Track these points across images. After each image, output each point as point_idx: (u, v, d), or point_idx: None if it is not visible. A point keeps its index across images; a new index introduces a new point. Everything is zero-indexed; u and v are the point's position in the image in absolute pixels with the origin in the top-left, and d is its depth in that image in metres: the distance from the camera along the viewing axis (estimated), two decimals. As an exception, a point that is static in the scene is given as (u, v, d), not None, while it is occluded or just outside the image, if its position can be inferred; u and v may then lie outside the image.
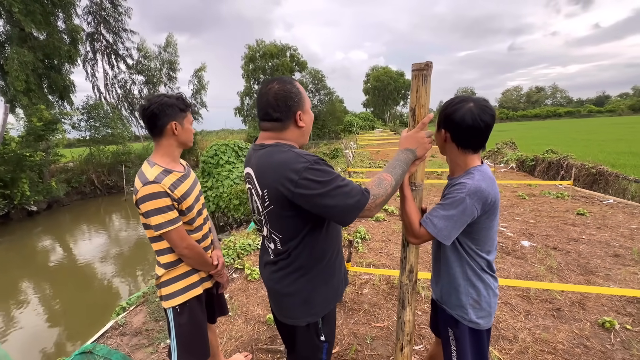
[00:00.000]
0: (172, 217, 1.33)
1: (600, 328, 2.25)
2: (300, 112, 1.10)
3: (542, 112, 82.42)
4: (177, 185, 1.37)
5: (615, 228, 4.19)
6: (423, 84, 1.15)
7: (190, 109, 1.45)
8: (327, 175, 0.98)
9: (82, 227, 11.99)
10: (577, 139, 21.00)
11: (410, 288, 1.32)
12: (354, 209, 0.98)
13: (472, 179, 1.10)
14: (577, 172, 7.00)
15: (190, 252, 1.40)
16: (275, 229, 1.12)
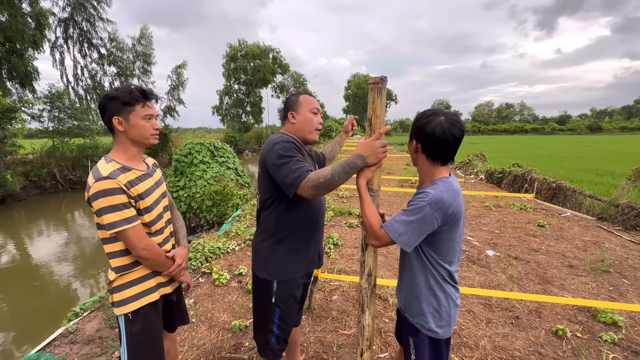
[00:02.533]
0: (128, 215, 1.23)
1: (554, 336, 2.37)
2: (292, 112, 1.50)
3: (510, 127, 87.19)
4: (135, 184, 1.28)
5: (570, 240, 4.47)
6: (379, 96, 1.22)
7: (144, 101, 1.31)
8: (287, 152, 1.30)
9: (39, 224, 11.16)
10: (541, 154, 22.37)
11: (369, 292, 1.33)
12: (291, 182, 1.25)
13: (435, 189, 1.13)
14: (539, 185, 7.42)
15: (149, 253, 1.30)
16: (258, 189, 1.49)
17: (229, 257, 3.84)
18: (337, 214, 5.57)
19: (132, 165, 1.33)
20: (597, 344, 2.28)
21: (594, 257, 3.83)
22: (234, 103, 39.05)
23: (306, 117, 1.48)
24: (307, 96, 1.52)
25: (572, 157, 19.65)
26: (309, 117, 1.48)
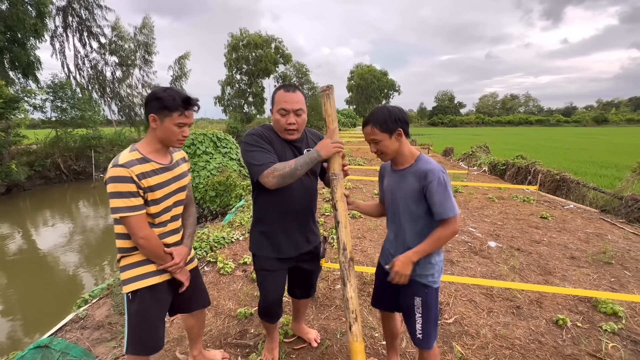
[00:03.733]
0: (134, 203, 1.29)
1: (554, 325, 2.40)
2: (272, 109, 1.58)
3: (515, 119, 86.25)
4: (149, 176, 1.34)
5: (573, 232, 4.48)
6: (328, 100, 1.54)
7: (182, 110, 1.35)
8: (253, 142, 1.51)
9: (44, 213, 11.30)
10: (545, 146, 22.20)
11: (347, 265, 1.42)
12: (256, 170, 1.46)
13: (430, 164, 1.42)
14: (542, 177, 7.40)
15: (146, 243, 1.35)
16: None
17: (233, 247, 3.89)
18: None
19: (153, 158, 1.39)
20: (597, 333, 2.31)
21: (596, 249, 3.84)
22: (235, 93, 38.80)
23: (275, 117, 1.54)
24: (280, 93, 1.53)
25: (576, 149, 19.50)
26: (276, 117, 1.53)
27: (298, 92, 1.54)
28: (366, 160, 11.48)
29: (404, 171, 1.48)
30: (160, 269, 1.44)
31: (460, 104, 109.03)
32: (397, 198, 1.49)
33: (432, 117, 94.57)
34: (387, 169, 1.62)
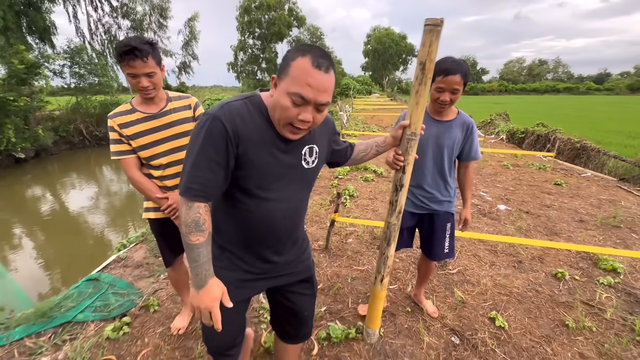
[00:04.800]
0: (120, 149, 1.51)
1: (553, 278, 2.55)
2: (276, 77, 0.92)
3: (541, 87, 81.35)
4: (129, 126, 1.49)
5: (586, 198, 4.49)
6: (436, 39, 1.22)
7: (128, 64, 1.37)
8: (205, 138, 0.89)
9: (72, 176, 11.96)
10: (571, 115, 21.12)
11: (396, 227, 1.51)
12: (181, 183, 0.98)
13: (468, 116, 1.73)
14: (562, 145, 7.22)
15: (134, 183, 1.58)
16: None
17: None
18: (353, 169, 5.73)
19: (140, 108, 1.53)
20: (594, 285, 2.45)
21: (607, 214, 3.88)
22: (248, 59, 38.00)
23: (280, 99, 0.89)
24: (306, 66, 0.85)
25: (604, 119, 18.52)
26: (284, 102, 0.88)
27: (331, 73, 0.89)
28: (380, 128, 11.37)
29: (451, 122, 1.71)
30: (162, 208, 1.60)
31: (482, 71, 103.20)
32: (443, 145, 1.71)
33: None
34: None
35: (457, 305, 2.21)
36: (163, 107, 1.57)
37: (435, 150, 1.74)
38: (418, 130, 1.35)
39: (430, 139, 1.72)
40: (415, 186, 1.83)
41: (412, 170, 1.72)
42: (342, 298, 2.30)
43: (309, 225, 3.48)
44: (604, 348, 1.87)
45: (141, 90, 1.45)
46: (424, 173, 1.79)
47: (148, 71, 1.41)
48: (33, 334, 1.90)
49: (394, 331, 1.99)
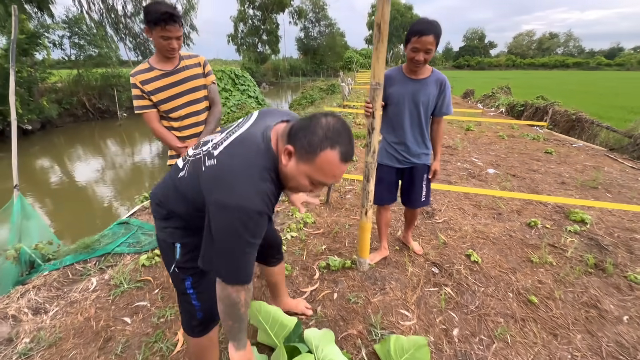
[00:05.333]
0: (142, 104, 1.75)
1: (527, 226, 2.89)
2: (292, 149, 0.88)
3: (550, 62, 79.02)
4: (149, 82, 1.72)
5: (572, 165, 4.76)
6: (387, 4, 1.59)
7: (165, 27, 1.57)
8: (250, 239, 0.89)
9: (79, 148, 12.22)
10: (577, 91, 20.89)
11: (373, 165, 1.84)
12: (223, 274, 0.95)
13: (442, 74, 1.88)
14: (558, 117, 7.39)
15: (156, 134, 1.84)
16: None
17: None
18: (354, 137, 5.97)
19: (157, 66, 1.75)
20: (561, 232, 2.79)
21: (588, 177, 4.16)
22: (249, 31, 36.98)
23: (298, 178, 0.91)
24: (332, 158, 0.85)
25: (610, 95, 18.36)
26: (301, 181, 0.92)
27: None
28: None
29: (426, 80, 1.87)
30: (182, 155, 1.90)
31: (491, 44, 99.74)
32: (419, 102, 1.89)
33: (458, 58, 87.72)
34: (397, 78, 1.92)
35: (440, 246, 2.56)
36: (177, 65, 1.79)
37: (412, 107, 1.91)
38: (381, 80, 1.68)
39: (407, 97, 1.89)
40: (397, 143, 2.02)
41: (393, 128, 2.00)
42: (340, 239, 2.65)
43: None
44: (559, 276, 2.22)
45: (169, 50, 1.69)
46: (404, 129, 1.96)
47: (179, 35, 1.67)
48: (81, 261, 2.27)
49: (384, 264, 2.34)
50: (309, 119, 0.89)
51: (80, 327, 1.77)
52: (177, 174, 1.05)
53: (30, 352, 1.61)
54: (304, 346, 1.51)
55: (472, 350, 1.67)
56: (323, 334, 1.57)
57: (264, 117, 1.03)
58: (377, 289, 2.07)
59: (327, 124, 0.86)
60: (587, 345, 1.72)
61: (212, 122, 1.95)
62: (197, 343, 1.23)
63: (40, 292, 2.01)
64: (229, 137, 0.97)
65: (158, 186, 1.13)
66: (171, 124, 1.85)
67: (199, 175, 0.94)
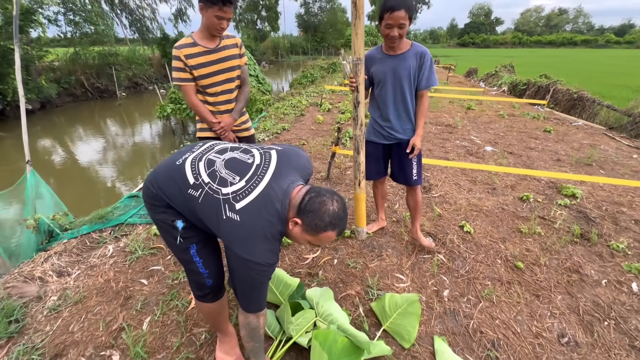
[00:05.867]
0: (182, 76, 1.81)
1: (519, 200, 3.01)
2: (299, 221, 1.04)
3: (557, 39, 76.80)
4: (193, 56, 1.79)
5: (570, 143, 4.83)
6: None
7: (222, 8, 1.66)
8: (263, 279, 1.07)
9: (79, 128, 12.22)
10: (582, 70, 20.52)
11: (361, 137, 1.94)
12: (244, 303, 1.14)
13: (423, 46, 1.88)
14: (560, 96, 7.36)
15: (192, 108, 1.91)
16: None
17: (259, 146, 4.54)
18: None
19: (201, 42, 1.82)
20: (552, 205, 2.91)
21: (584, 155, 4.25)
22: (247, 7, 35.83)
23: (301, 240, 1.11)
24: (331, 236, 1.07)
25: (616, 74, 18.04)
26: (303, 242, 1.13)
27: None
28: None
29: (404, 54, 1.87)
30: (215, 129, 1.98)
31: (497, 20, 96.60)
32: (400, 76, 1.89)
33: (463, 35, 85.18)
34: (378, 56, 1.95)
35: (435, 218, 2.70)
36: (219, 44, 1.87)
37: (394, 82, 1.92)
38: (362, 55, 1.74)
39: (388, 73, 1.91)
40: (382, 119, 2.05)
41: (378, 105, 2.06)
42: (340, 212, 2.78)
43: (312, 161, 3.90)
44: (546, 245, 2.37)
45: (219, 30, 1.77)
46: (387, 105, 1.99)
47: (230, 16, 1.76)
48: (97, 230, 2.42)
49: (381, 233, 2.48)
50: (318, 201, 1.03)
51: (101, 287, 1.93)
52: (186, 187, 1.06)
53: (59, 307, 1.78)
54: (305, 303, 1.67)
55: (460, 308, 1.83)
56: (323, 292, 1.73)
57: (281, 170, 1.10)
58: (375, 256, 2.22)
59: (333, 211, 1.03)
60: (566, 304, 1.88)
61: (242, 100, 2.07)
62: (210, 309, 1.32)
63: (62, 257, 2.17)
64: (251, 192, 1.02)
65: (160, 179, 1.12)
66: (206, 98, 1.94)
67: (219, 219, 1.01)
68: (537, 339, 1.65)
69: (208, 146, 1.19)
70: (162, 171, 1.14)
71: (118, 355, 1.51)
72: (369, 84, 2.06)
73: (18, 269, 2.07)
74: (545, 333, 1.68)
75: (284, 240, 2.31)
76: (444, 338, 1.62)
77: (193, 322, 1.69)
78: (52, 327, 1.66)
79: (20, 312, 1.72)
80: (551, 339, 1.65)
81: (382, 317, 1.71)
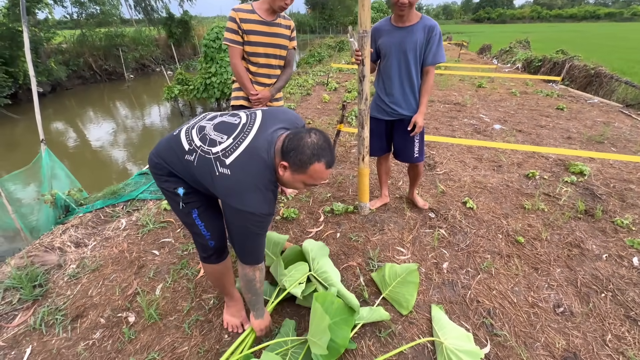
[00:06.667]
0: (231, 37, 1.86)
1: (525, 177, 2.99)
2: (286, 164, 1.07)
3: (579, 13, 72.58)
4: (248, 22, 1.83)
5: (582, 120, 4.70)
6: None
7: None
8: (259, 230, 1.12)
9: (89, 110, 12.37)
10: (604, 44, 19.52)
11: (366, 112, 1.95)
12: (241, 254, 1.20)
13: (433, 20, 1.81)
14: (577, 72, 7.07)
15: (235, 69, 1.94)
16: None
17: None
18: (360, 96, 5.95)
19: (259, 12, 1.86)
20: (557, 182, 2.89)
21: (596, 132, 4.14)
22: (253, -17, 34.69)
23: (294, 184, 1.13)
24: (320, 168, 1.06)
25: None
26: (297, 185, 1.14)
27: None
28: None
29: (412, 27, 1.84)
30: (252, 99, 2.01)
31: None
32: (406, 50, 1.85)
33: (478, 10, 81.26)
34: (386, 28, 1.92)
35: (438, 194, 2.71)
36: (275, 19, 1.91)
37: (399, 56, 1.88)
38: (368, 28, 1.71)
39: (394, 46, 1.87)
40: (385, 93, 2.03)
41: (383, 80, 2.03)
42: (344, 189, 2.82)
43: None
44: (548, 221, 2.37)
45: (282, 6, 1.82)
46: (391, 79, 1.96)
47: None
48: (110, 205, 2.53)
49: (384, 209, 2.52)
50: (297, 138, 1.05)
51: (116, 257, 2.04)
52: (183, 154, 1.13)
53: (78, 274, 1.90)
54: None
55: (458, 279, 1.88)
56: (319, 247, 1.73)
57: (266, 124, 1.15)
58: (377, 230, 2.28)
59: (312, 142, 1.04)
60: (564, 277, 1.91)
61: (283, 79, 2.12)
62: (215, 270, 1.40)
63: (79, 230, 2.29)
64: (238, 146, 1.08)
65: (162, 149, 1.20)
66: (248, 66, 1.98)
67: (213, 177, 1.07)
68: (533, 308, 1.70)
69: (201, 117, 1.26)
70: (163, 143, 1.22)
71: (133, 316, 1.63)
72: (376, 57, 2.03)
73: (39, 240, 2.20)
74: (541, 303, 1.73)
75: (288, 214, 2.38)
76: (442, 306, 1.68)
77: (202, 289, 1.79)
78: (72, 292, 1.78)
79: (43, 277, 1.85)
80: (546, 308, 1.70)
81: (382, 285, 1.78)
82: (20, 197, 3.07)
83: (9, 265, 1.90)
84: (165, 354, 1.44)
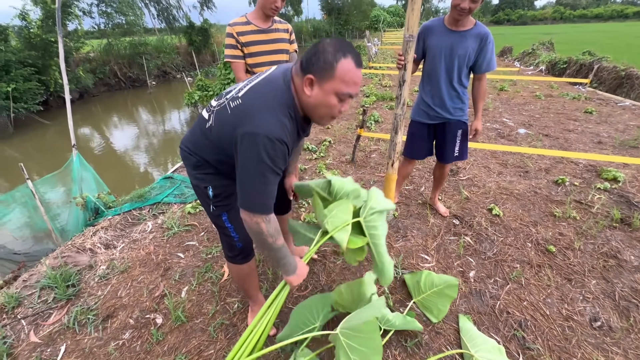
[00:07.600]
0: (232, 53, 1.88)
1: (553, 184, 2.88)
2: (312, 77, 0.96)
3: (605, 12, 69.77)
4: (245, 34, 1.85)
5: (613, 124, 4.48)
6: None
7: None
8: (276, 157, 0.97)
9: (114, 116, 12.88)
10: (633, 45, 18.61)
11: (402, 117, 1.90)
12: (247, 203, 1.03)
13: (486, 27, 1.80)
14: (606, 74, 6.78)
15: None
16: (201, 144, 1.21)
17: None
18: (379, 99, 5.92)
19: (255, 22, 1.89)
20: (589, 189, 2.76)
21: (630, 137, 3.94)
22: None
23: (326, 99, 0.98)
24: (349, 65, 0.94)
25: (674, 48, 16.24)
26: (330, 101, 0.98)
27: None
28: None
29: (466, 32, 1.79)
30: None
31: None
32: (457, 55, 1.83)
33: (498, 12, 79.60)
34: (437, 29, 1.87)
35: (462, 200, 2.65)
36: (271, 25, 1.93)
37: (447, 60, 1.85)
38: (415, 32, 1.65)
39: (444, 49, 1.83)
40: (431, 96, 2.00)
41: (429, 81, 1.99)
42: (364, 194, 2.80)
43: (337, 144, 3.91)
44: (581, 229, 2.27)
45: (273, 9, 1.83)
46: (438, 82, 1.93)
47: None
48: (137, 208, 2.60)
49: (407, 215, 2.48)
50: (314, 48, 0.97)
51: (143, 259, 2.10)
52: (204, 124, 1.11)
53: (107, 275, 1.96)
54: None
55: (486, 289, 1.82)
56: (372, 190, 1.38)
57: (282, 66, 1.13)
58: (400, 236, 2.24)
59: (332, 42, 0.96)
60: (600, 289, 1.81)
61: None
62: (240, 270, 1.41)
63: (108, 232, 2.37)
64: (251, 82, 1.06)
65: (187, 137, 1.20)
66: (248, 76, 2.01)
67: (226, 119, 1.02)
68: (567, 321, 1.62)
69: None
70: (188, 131, 1.23)
71: (161, 318, 1.66)
72: (421, 57, 2.00)
73: (71, 241, 2.29)
74: (577, 316, 1.64)
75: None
76: (469, 317, 1.63)
77: (226, 292, 1.81)
78: (103, 292, 1.84)
79: (76, 278, 1.92)
80: (582, 322, 1.61)
81: (414, 290, 1.74)
82: (50, 199, 3.22)
83: (44, 265, 1.99)
84: (192, 356, 1.46)
